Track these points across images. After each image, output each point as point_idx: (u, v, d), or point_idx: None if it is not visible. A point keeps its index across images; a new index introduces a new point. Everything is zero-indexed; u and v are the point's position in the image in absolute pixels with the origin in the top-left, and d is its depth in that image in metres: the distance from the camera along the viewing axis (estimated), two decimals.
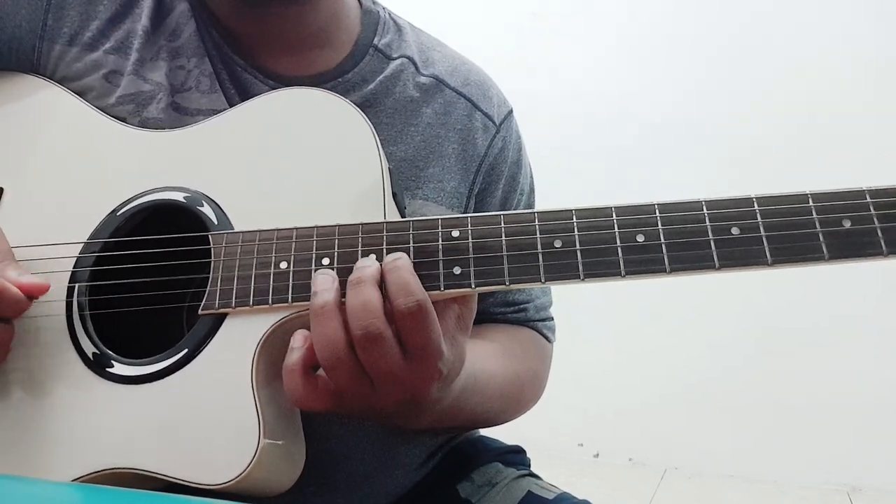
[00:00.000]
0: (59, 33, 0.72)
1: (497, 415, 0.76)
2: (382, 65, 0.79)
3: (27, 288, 0.59)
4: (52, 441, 0.59)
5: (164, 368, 0.59)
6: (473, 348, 0.72)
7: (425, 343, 0.53)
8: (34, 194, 0.68)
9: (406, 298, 0.52)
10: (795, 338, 2.33)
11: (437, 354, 0.53)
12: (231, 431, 0.55)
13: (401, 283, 0.52)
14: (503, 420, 0.77)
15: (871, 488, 2.27)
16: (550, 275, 0.52)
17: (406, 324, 0.52)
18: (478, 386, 0.66)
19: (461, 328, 0.56)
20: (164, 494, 0.43)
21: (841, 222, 0.49)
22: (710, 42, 2.39)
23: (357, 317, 0.52)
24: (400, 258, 0.54)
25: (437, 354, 0.53)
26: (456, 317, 0.55)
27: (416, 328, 0.52)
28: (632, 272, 0.51)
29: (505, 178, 0.83)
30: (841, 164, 2.11)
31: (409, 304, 0.51)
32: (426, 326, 0.52)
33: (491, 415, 0.74)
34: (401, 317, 0.52)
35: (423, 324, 0.52)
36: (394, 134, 0.76)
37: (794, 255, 0.49)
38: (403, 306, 0.52)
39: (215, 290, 0.59)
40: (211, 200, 0.63)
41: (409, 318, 0.52)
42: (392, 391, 0.54)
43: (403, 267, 0.53)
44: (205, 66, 0.73)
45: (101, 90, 0.71)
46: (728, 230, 0.50)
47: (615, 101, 2.49)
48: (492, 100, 0.84)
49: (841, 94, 2.25)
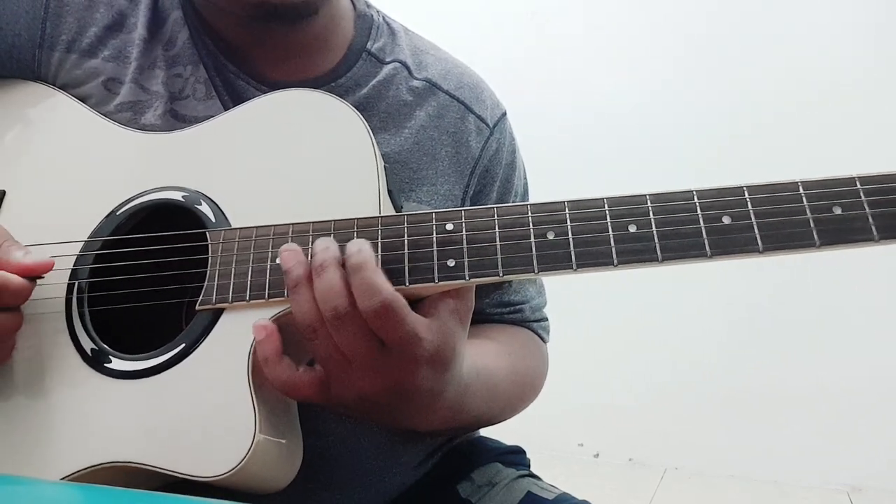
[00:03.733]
0: (57, 40, 0.73)
1: (501, 411, 0.76)
2: (375, 69, 0.79)
3: (32, 267, 0.60)
4: (49, 436, 0.60)
5: (162, 363, 0.59)
6: (474, 346, 0.72)
7: (399, 335, 0.53)
8: (35, 196, 0.69)
9: (371, 300, 0.52)
10: (796, 338, 2.33)
11: (414, 342, 0.54)
12: (227, 425, 0.56)
13: (364, 285, 0.53)
14: (504, 418, 0.77)
15: (871, 488, 2.27)
16: (543, 265, 0.52)
17: (377, 323, 0.53)
18: (481, 380, 0.67)
19: (456, 320, 0.56)
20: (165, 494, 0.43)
21: (831, 209, 0.49)
22: (709, 42, 2.40)
23: (324, 299, 0.53)
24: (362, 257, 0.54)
25: (414, 342, 0.54)
26: (450, 311, 0.56)
27: (387, 325, 0.53)
28: (624, 262, 0.51)
29: (500, 180, 0.84)
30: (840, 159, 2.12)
31: (374, 306, 0.52)
32: (396, 321, 0.53)
33: (495, 411, 0.74)
34: (369, 316, 0.53)
35: (393, 320, 0.53)
36: (387, 137, 0.76)
37: (786, 242, 0.49)
38: (370, 308, 0.52)
39: (212, 286, 0.59)
40: (209, 199, 0.64)
41: (378, 317, 0.52)
42: (373, 375, 0.55)
43: (366, 266, 0.53)
44: (200, 73, 0.73)
45: (100, 97, 0.72)
46: (719, 219, 0.50)
47: (614, 101, 2.49)
48: (485, 102, 0.84)
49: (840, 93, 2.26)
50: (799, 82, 2.30)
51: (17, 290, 0.59)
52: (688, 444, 2.46)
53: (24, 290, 0.60)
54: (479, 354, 0.68)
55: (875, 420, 2.26)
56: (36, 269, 0.60)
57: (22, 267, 0.60)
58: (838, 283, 2.27)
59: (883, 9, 2.23)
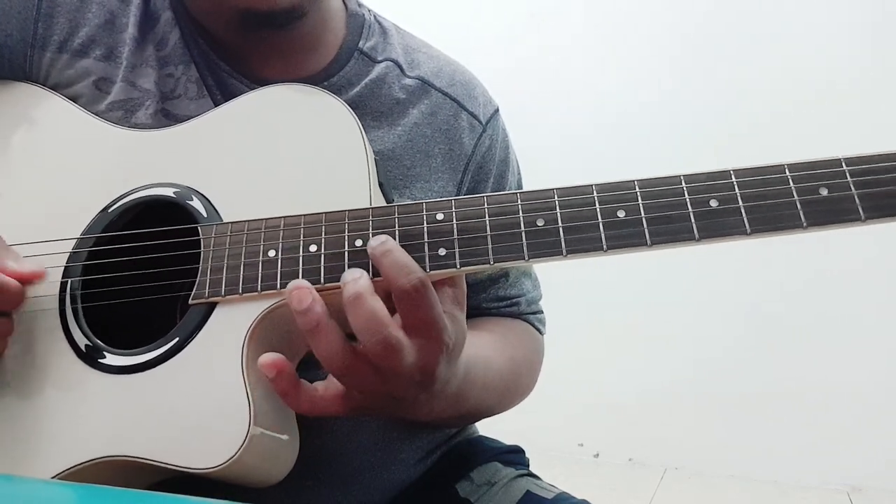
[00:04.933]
0: (49, 41, 0.73)
1: (498, 401, 0.76)
2: (368, 68, 0.79)
3: (26, 275, 0.60)
4: (45, 432, 0.60)
5: (156, 357, 0.59)
6: (472, 336, 0.72)
7: (432, 318, 0.52)
8: (27, 195, 0.69)
9: (408, 278, 0.52)
10: (796, 338, 2.33)
11: (442, 327, 0.53)
12: (222, 417, 0.56)
13: (399, 264, 0.52)
14: (501, 409, 0.77)
15: (871, 488, 2.27)
16: (533, 252, 0.53)
17: (410, 303, 0.52)
18: (479, 368, 0.67)
19: (459, 308, 0.56)
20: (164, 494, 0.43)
21: (818, 190, 0.49)
22: (707, 41, 2.41)
23: (369, 330, 0.51)
24: (388, 240, 0.54)
25: (442, 327, 0.53)
26: (451, 299, 0.56)
27: (420, 305, 0.52)
28: (613, 246, 0.51)
29: (493, 177, 0.84)
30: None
31: (412, 282, 0.51)
32: (429, 301, 0.52)
33: (493, 401, 0.74)
34: (404, 296, 0.52)
35: (426, 300, 0.52)
36: (380, 135, 0.76)
37: (773, 223, 0.49)
38: (408, 285, 0.51)
39: (205, 280, 0.60)
40: (200, 195, 0.65)
41: (414, 295, 0.52)
42: (403, 377, 0.54)
43: (396, 248, 0.53)
44: (191, 72, 0.74)
45: (90, 97, 0.72)
46: (707, 202, 0.51)
47: (612, 101, 2.50)
48: (477, 99, 0.85)
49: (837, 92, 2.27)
50: (795, 81, 2.30)
51: (13, 295, 0.60)
52: (688, 444, 2.45)
53: (19, 296, 0.60)
54: (477, 345, 0.68)
55: (875, 420, 2.26)
56: (28, 277, 0.61)
57: (15, 274, 0.60)
58: (838, 283, 2.27)
59: (879, 8, 2.24)
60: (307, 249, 0.58)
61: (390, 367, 0.53)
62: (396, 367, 0.52)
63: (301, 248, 0.58)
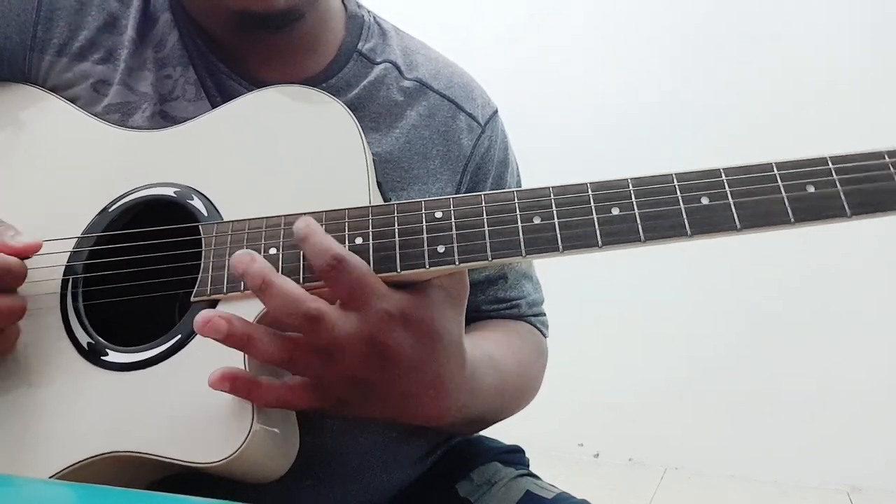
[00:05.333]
0: (48, 44, 0.73)
1: (509, 403, 0.76)
2: (366, 69, 0.80)
3: (22, 249, 0.60)
4: (47, 429, 0.60)
5: (158, 354, 0.60)
6: (476, 337, 0.72)
7: (357, 287, 0.53)
8: (26, 195, 0.70)
9: (324, 256, 0.53)
10: (796, 338, 2.34)
11: (371, 293, 0.54)
12: (224, 412, 0.56)
13: (317, 246, 0.53)
14: (511, 411, 0.77)
15: (871, 488, 2.28)
16: (531, 248, 0.54)
17: (332, 279, 0.53)
18: (486, 367, 0.67)
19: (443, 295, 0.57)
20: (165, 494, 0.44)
21: (805, 187, 0.51)
22: (707, 42, 2.42)
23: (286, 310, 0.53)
24: (309, 223, 0.55)
25: (371, 293, 0.54)
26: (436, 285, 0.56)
27: (341, 278, 0.53)
28: (608, 242, 0.52)
29: (492, 178, 0.85)
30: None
31: (327, 260, 0.53)
32: (349, 273, 0.53)
33: (504, 402, 0.74)
34: (325, 275, 0.53)
35: (346, 271, 0.53)
36: (378, 137, 0.77)
37: (762, 219, 0.51)
38: (324, 263, 0.53)
39: (207, 277, 0.60)
40: (201, 194, 0.65)
41: (331, 271, 0.53)
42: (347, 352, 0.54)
43: (314, 231, 0.54)
44: (189, 74, 0.74)
45: (88, 99, 0.72)
46: (698, 199, 0.52)
47: (612, 102, 2.51)
48: (476, 101, 0.85)
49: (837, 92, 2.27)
50: (795, 81, 2.31)
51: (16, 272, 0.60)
52: (688, 444, 2.46)
53: (22, 271, 0.60)
54: (481, 346, 0.69)
55: (875, 420, 2.27)
56: (26, 250, 0.61)
57: (12, 249, 0.60)
58: (837, 283, 2.28)
59: (879, 8, 2.25)
60: None
61: (324, 341, 0.53)
62: (332, 340, 0.53)
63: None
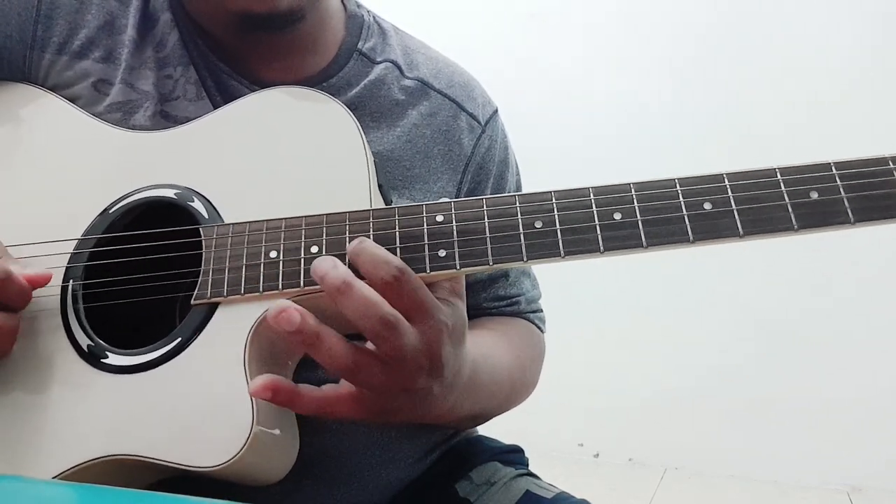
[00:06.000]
0: (48, 42, 0.73)
1: (507, 398, 0.76)
2: (367, 69, 0.80)
3: (31, 279, 0.60)
4: (48, 432, 0.60)
5: (158, 357, 0.60)
6: (474, 335, 0.72)
7: (420, 300, 0.53)
8: (27, 196, 0.69)
9: (387, 268, 0.52)
10: (795, 338, 2.33)
11: (434, 307, 0.53)
12: (224, 416, 0.56)
13: (374, 259, 0.53)
14: (508, 406, 0.77)
15: (871, 488, 2.27)
16: (532, 253, 0.54)
17: (395, 292, 0.52)
18: (486, 365, 0.67)
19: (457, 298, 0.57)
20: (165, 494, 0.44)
21: (809, 194, 0.50)
22: (709, 42, 2.41)
23: (366, 313, 0.51)
24: (363, 239, 0.54)
25: (434, 307, 0.53)
26: (448, 290, 0.56)
27: (405, 290, 0.52)
28: (610, 248, 0.52)
29: (493, 177, 0.85)
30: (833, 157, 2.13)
31: (392, 272, 0.52)
32: (412, 286, 0.53)
33: (502, 398, 0.75)
34: (388, 287, 0.52)
35: (410, 284, 0.52)
36: (379, 136, 0.77)
37: (765, 226, 0.50)
38: (388, 276, 0.52)
39: (207, 280, 0.60)
40: (201, 196, 0.65)
41: (395, 284, 0.52)
42: (409, 363, 0.54)
43: (370, 244, 0.53)
44: (190, 74, 0.74)
45: (89, 98, 0.72)
46: (701, 205, 0.52)
47: (612, 101, 2.50)
48: (476, 100, 0.85)
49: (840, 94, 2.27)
50: (798, 83, 2.31)
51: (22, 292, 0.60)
52: (688, 444, 2.46)
53: (27, 294, 0.61)
54: (480, 343, 0.69)
55: (875, 420, 2.26)
56: (34, 280, 0.61)
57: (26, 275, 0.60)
58: (837, 284, 2.28)
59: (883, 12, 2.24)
60: (309, 251, 0.58)
61: (394, 350, 0.53)
62: (400, 350, 0.52)
63: (303, 249, 0.58)
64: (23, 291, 0.60)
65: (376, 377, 0.54)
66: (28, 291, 0.60)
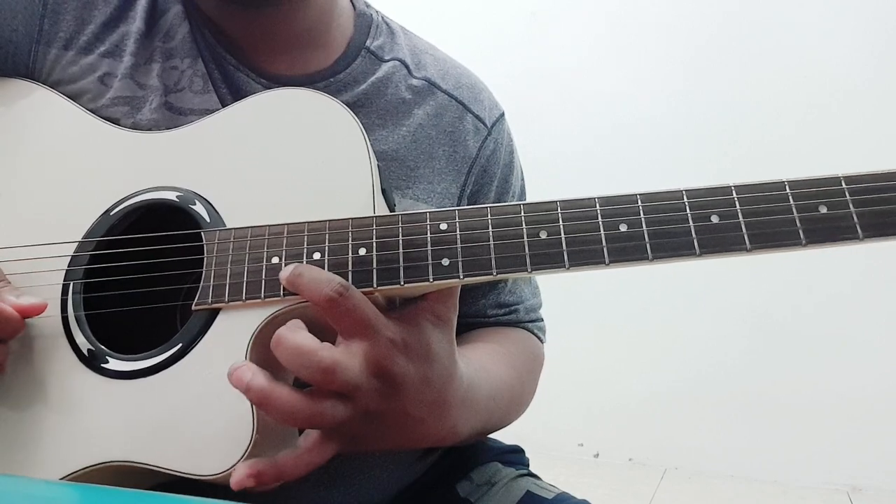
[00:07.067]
0: (55, 37, 0.73)
1: (506, 412, 0.75)
2: (374, 66, 0.79)
3: (26, 309, 0.60)
4: (47, 437, 0.60)
5: (159, 363, 0.59)
6: (472, 349, 0.72)
7: (362, 318, 0.53)
8: (28, 196, 0.69)
9: (328, 286, 0.53)
10: (795, 338, 2.34)
11: (375, 324, 0.53)
12: (225, 423, 0.56)
13: (316, 278, 0.53)
14: (509, 420, 0.77)
15: (871, 488, 2.28)
16: (536, 264, 0.53)
17: (336, 310, 0.53)
18: (481, 379, 0.66)
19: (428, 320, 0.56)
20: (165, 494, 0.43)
21: (817, 208, 0.50)
22: (709, 42, 2.41)
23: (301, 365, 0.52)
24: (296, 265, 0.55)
25: (375, 324, 0.53)
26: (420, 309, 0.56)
27: (346, 309, 0.53)
28: (615, 260, 0.52)
29: (497, 181, 0.85)
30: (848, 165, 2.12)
31: (333, 288, 0.52)
32: (354, 303, 0.53)
33: (502, 412, 0.74)
34: (330, 305, 0.53)
35: (351, 301, 0.53)
36: (385, 134, 0.77)
37: (773, 240, 0.50)
38: (329, 293, 0.52)
39: (208, 286, 0.60)
40: (203, 199, 0.64)
41: (339, 300, 0.53)
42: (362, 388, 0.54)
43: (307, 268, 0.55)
44: (198, 66, 0.73)
45: (95, 92, 0.72)
46: (708, 218, 0.51)
47: (614, 102, 2.50)
48: (483, 103, 0.85)
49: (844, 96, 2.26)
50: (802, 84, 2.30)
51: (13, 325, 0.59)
52: (688, 444, 2.46)
53: (19, 326, 0.60)
54: (477, 358, 0.68)
55: (875, 420, 2.27)
56: (27, 311, 0.60)
57: (16, 307, 0.60)
58: (838, 285, 2.27)
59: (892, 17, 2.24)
60: (311, 257, 0.58)
61: (342, 386, 0.52)
62: (347, 382, 0.52)
63: (304, 255, 0.58)
64: (11, 322, 0.59)
65: (337, 412, 0.53)
66: (19, 323, 0.60)
